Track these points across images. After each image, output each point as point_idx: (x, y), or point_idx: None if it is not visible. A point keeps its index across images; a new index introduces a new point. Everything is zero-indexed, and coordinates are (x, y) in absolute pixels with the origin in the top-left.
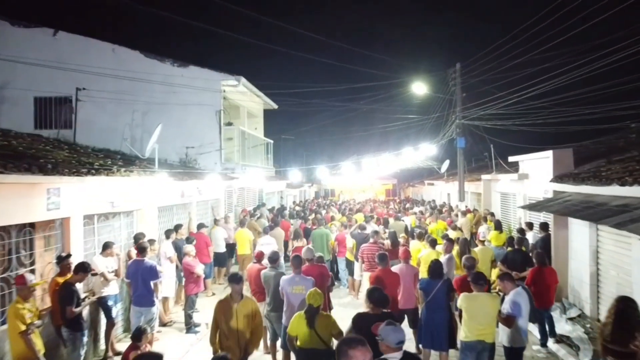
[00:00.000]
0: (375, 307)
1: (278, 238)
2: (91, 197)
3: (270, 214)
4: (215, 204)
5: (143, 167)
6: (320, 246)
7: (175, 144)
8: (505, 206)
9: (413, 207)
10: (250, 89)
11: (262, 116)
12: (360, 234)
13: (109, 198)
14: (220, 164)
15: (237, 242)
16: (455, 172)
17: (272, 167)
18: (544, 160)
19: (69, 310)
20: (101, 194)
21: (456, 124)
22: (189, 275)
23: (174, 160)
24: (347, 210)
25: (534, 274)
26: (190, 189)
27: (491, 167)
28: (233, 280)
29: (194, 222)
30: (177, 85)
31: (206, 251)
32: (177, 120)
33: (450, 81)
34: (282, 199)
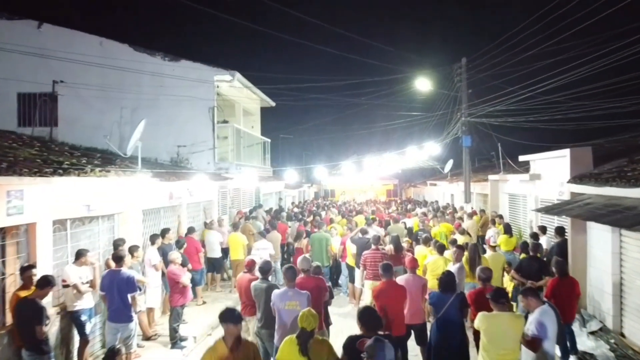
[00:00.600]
0: (367, 331)
1: (274, 242)
2: (62, 200)
3: (267, 216)
4: (208, 205)
5: (124, 166)
6: (319, 251)
7: (166, 142)
8: (514, 208)
9: (415, 208)
10: (245, 84)
11: (259, 114)
12: (361, 239)
13: (84, 200)
14: (213, 164)
15: (230, 247)
16: (459, 171)
17: (270, 167)
18: (559, 159)
19: (39, 330)
20: (74, 197)
21: (461, 121)
22: (174, 285)
23: (165, 160)
24: (347, 212)
25: (554, 285)
26: (180, 190)
27: (498, 167)
28: (228, 319)
29: (183, 225)
30: (168, 79)
31: (196, 257)
32: (168, 117)
33: (455, 77)
34: (280, 199)
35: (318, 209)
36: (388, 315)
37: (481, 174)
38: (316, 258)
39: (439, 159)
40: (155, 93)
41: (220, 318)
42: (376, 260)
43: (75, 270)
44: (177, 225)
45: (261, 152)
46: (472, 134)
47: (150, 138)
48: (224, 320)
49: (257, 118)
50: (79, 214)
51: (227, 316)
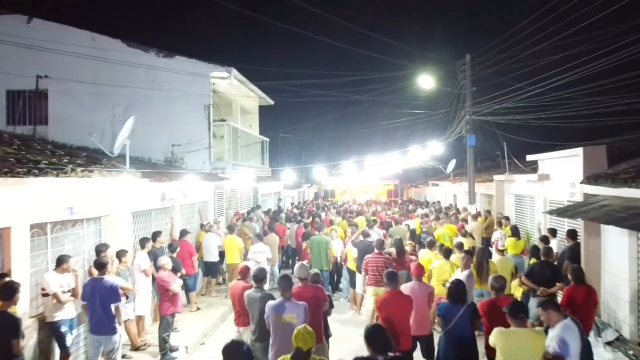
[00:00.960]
0: (376, 352)
1: (272, 245)
2: (41, 202)
3: (266, 217)
4: (204, 207)
5: (111, 166)
6: (318, 255)
7: (160, 141)
8: (520, 210)
9: (416, 208)
10: (242, 81)
11: (257, 113)
12: (363, 242)
13: (67, 203)
14: (209, 163)
15: (226, 250)
16: (461, 171)
17: (268, 167)
18: (571, 159)
19: (16, 344)
20: (55, 199)
21: (466, 120)
22: (163, 292)
23: (159, 160)
24: (344, 212)
25: (570, 293)
26: (172, 191)
27: (503, 167)
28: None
29: (176, 228)
30: (162, 76)
31: (190, 261)
32: (162, 115)
33: (459, 74)
34: (279, 200)
35: (318, 210)
36: (393, 327)
37: (485, 174)
38: (315, 262)
39: (440, 158)
40: (149, 90)
41: (224, 355)
42: (379, 265)
43: (56, 278)
44: (170, 227)
45: (259, 151)
46: (476, 133)
47: (143, 137)
48: (227, 358)
49: (255, 117)
50: (61, 217)
51: (230, 353)
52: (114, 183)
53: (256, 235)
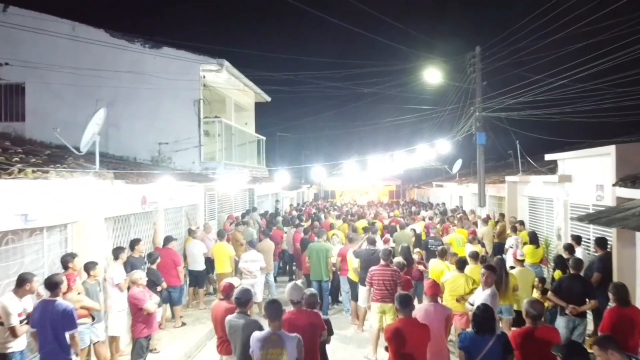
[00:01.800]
0: None
1: (267, 252)
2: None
3: (262, 220)
4: (192, 210)
5: (76, 166)
6: (317, 264)
7: (146, 139)
8: (535, 213)
9: (419, 211)
10: (235, 74)
11: (253, 110)
12: (368, 252)
13: (19, 209)
14: (199, 163)
15: (215, 259)
16: (467, 172)
17: (265, 167)
18: (599, 158)
19: None
20: (2, 204)
21: (475, 116)
22: (136, 312)
23: (145, 159)
24: (349, 215)
25: (613, 316)
26: (155, 193)
27: (516, 167)
28: None
29: (160, 235)
30: (149, 68)
31: (174, 271)
32: (149, 111)
33: (468, 67)
34: (277, 202)
35: (318, 212)
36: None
37: (494, 174)
38: (315, 272)
39: (445, 158)
40: (134, 84)
41: None
42: (385, 278)
43: (16, 305)
44: (152, 234)
45: (255, 150)
46: (486, 131)
47: (128, 134)
48: None
49: (251, 114)
50: (12, 226)
51: None
52: (82, 185)
53: (248, 243)
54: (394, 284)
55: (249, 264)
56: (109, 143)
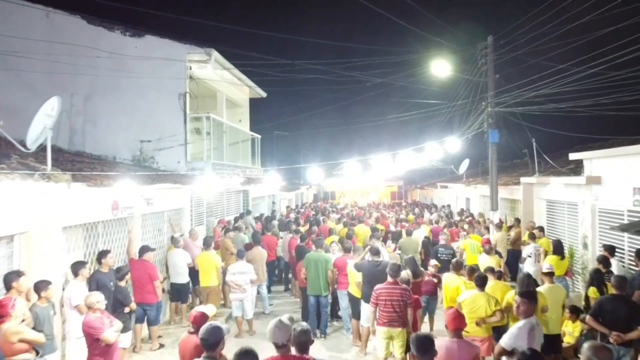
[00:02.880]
0: None
1: (258, 261)
2: None
3: (257, 223)
4: (176, 215)
5: (25, 165)
6: (315, 277)
7: (127, 136)
8: (554, 218)
9: (423, 213)
10: (225, 65)
11: (247, 106)
12: (372, 264)
13: None
14: (185, 163)
15: (200, 270)
16: (474, 172)
17: (260, 167)
18: (637, 157)
19: None
20: None
21: (487, 112)
22: (92, 343)
23: (125, 158)
24: (350, 219)
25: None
26: (130, 197)
27: (532, 167)
28: None
29: (135, 244)
30: (130, 59)
31: (150, 287)
32: (130, 106)
33: (479, 59)
34: (274, 204)
35: (317, 214)
36: None
37: (504, 175)
38: (312, 286)
39: (450, 158)
40: (113, 76)
41: None
42: (393, 298)
43: None
44: (126, 244)
45: (249, 149)
46: (499, 128)
47: (107, 131)
48: None
49: (245, 110)
50: None
51: None
52: (33, 189)
53: (237, 253)
54: (403, 304)
55: (238, 277)
56: (85, 141)
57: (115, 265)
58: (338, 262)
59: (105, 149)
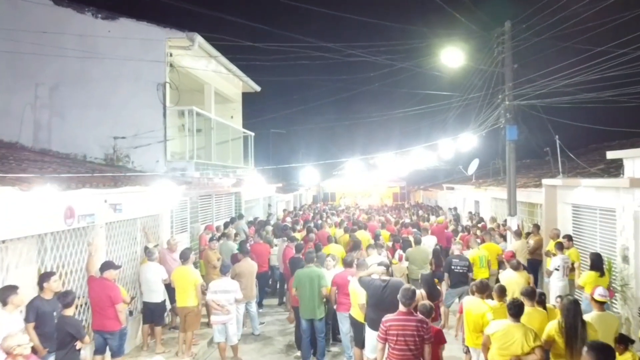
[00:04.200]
0: None
1: (247, 275)
2: None
3: (250, 228)
4: (153, 222)
5: None
6: (310, 296)
7: (99, 132)
8: (581, 226)
9: (428, 216)
10: (210, 52)
11: (240, 101)
12: (378, 284)
13: None
14: (164, 163)
15: (176, 288)
16: (484, 172)
17: (253, 167)
18: None
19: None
20: None
21: (504, 106)
22: None
23: (97, 157)
24: (350, 224)
25: None
26: (90, 203)
27: (555, 167)
28: None
29: (96, 259)
30: (102, 44)
31: (111, 311)
32: (102, 98)
33: (496, 47)
34: (270, 207)
35: (315, 217)
36: None
37: (519, 176)
38: (305, 308)
39: (458, 158)
40: (84, 64)
41: None
42: (407, 333)
43: None
44: (85, 260)
45: (242, 148)
46: (518, 123)
47: (76, 126)
48: None
49: (238, 106)
50: None
51: None
52: None
53: (221, 268)
54: (420, 341)
55: (220, 296)
56: (51, 137)
57: (63, 288)
58: (338, 279)
59: (74, 147)
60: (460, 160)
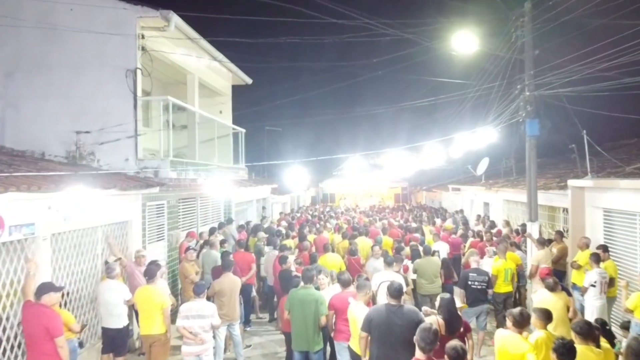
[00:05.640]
0: None
1: (228, 294)
2: None
3: (241, 233)
4: (120, 231)
5: None
6: (302, 325)
7: (60, 126)
8: (615, 234)
9: (434, 219)
10: (189, 34)
11: (229, 95)
12: (379, 309)
13: None
14: (135, 161)
15: (139, 312)
16: (493, 172)
17: (244, 167)
18: None
19: None
20: None
21: (525, 98)
22: None
23: (57, 154)
24: (350, 229)
25: None
26: (26, 210)
27: (582, 166)
28: None
29: (34, 281)
30: (62, 25)
31: (48, 346)
32: (63, 87)
33: (514, 31)
34: (264, 209)
35: (313, 221)
36: None
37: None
38: (299, 338)
39: (465, 156)
40: (42, 48)
41: None
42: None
43: None
44: (21, 280)
45: (232, 146)
46: (540, 117)
47: (33, 119)
48: None
49: (227, 99)
50: None
51: None
52: None
53: (195, 288)
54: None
55: (193, 322)
56: (4, 131)
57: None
58: (336, 302)
59: (31, 143)
60: (469, 159)
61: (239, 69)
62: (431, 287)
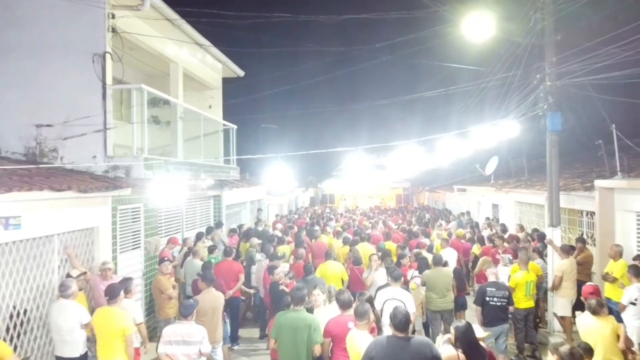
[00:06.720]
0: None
1: (210, 313)
2: None
3: (233, 237)
4: (84, 240)
5: None
6: (293, 354)
7: (18, 119)
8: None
9: (439, 221)
10: (167, 15)
11: (220, 88)
12: (381, 341)
13: None
14: (104, 158)
15: (97, 338)
16: (501, 171)
17: (235, 166)
18: None
19: None
20: None
21: (545, 88)
22: None
23: (15, 151)
24: (352, 232)
25: None
26: None
27: (610, 166)
28: None
29: None
30: (21, 4)
31: None
32: (21, 74)
33: (533, 14)
34: (259, 211)
35: (311, 223)
36: None
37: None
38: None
39: (473, 156)
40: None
41: None
42: None
43: None
44: None
45: (222, 144)
46: (562, 110)
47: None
48: None
49: (218, 93)
50: None
51: None
52: None
53: (182, 307)
54: None
55: (177, 349)
56: None
57: None
58: (333, 327)
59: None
60: (477, 159)
61: (229, 60)
62: (442, 302)
